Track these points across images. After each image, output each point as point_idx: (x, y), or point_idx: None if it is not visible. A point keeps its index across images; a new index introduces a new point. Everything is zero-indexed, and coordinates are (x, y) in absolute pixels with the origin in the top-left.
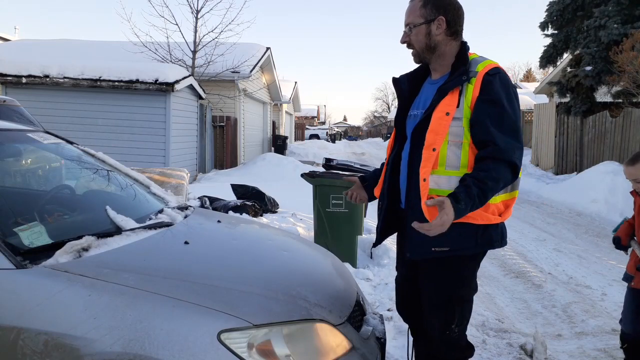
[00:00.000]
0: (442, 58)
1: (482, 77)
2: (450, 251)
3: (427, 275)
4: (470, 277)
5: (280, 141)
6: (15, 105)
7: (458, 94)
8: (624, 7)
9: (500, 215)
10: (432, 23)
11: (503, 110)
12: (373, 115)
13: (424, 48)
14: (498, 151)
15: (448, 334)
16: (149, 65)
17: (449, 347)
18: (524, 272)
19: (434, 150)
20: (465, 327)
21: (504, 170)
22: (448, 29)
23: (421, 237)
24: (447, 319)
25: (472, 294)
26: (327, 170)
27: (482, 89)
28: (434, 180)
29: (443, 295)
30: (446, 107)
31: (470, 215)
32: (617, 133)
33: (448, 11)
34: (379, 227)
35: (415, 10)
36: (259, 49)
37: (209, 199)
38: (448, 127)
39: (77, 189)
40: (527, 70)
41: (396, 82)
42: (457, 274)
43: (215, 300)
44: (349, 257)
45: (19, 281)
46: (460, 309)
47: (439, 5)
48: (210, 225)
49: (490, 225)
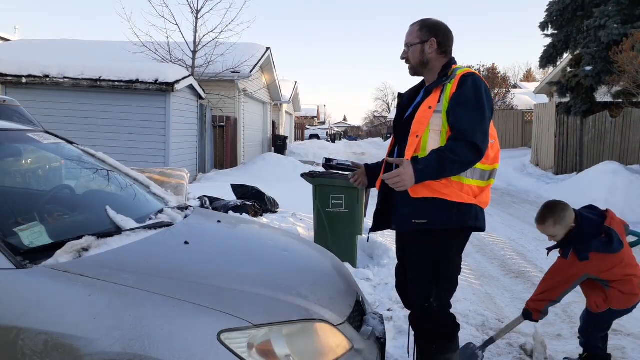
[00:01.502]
0: (433, 71)
1: (459, 78)
2: (428, 224)
3: (410, 248)
4: (447, 254)
5: (280, 141)
6: (15, 105)
7: (440, 92)
8: (624, 7)
9: (475, 197)
10: (426, 43)
11: (470, 101)
12: (373, 115)
13: (418, 63)
14: (461, 132)
15: (427, 307)
16: (149, 65)
17: (431, 320)
18: (524, 272)
19: (417, 137)
20: (445, 304)
21: (463, 148)
22: (439, 48)
23: (403, 210)
24: (424, 292)
25: (452, 273)
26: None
27: (458, 86)
28: None
29: (421, 268)
30: (429, 102)
31: (446, 192)
32: (617, 133)
33: (439, 34)
34: (375, 214)
35: (413, 33)
36: (259, 49)
37: (209, 199)
38: (429, 118)
39: (77, 189)
40: (527, 70)
41: (400, 95)
42: (435, 248)
43: (215, 300)
44: (349, 257)
45: (19, 281)
46: (436, 284)
47: (432, 29)
48: (210, 226)
49: (464, 204)
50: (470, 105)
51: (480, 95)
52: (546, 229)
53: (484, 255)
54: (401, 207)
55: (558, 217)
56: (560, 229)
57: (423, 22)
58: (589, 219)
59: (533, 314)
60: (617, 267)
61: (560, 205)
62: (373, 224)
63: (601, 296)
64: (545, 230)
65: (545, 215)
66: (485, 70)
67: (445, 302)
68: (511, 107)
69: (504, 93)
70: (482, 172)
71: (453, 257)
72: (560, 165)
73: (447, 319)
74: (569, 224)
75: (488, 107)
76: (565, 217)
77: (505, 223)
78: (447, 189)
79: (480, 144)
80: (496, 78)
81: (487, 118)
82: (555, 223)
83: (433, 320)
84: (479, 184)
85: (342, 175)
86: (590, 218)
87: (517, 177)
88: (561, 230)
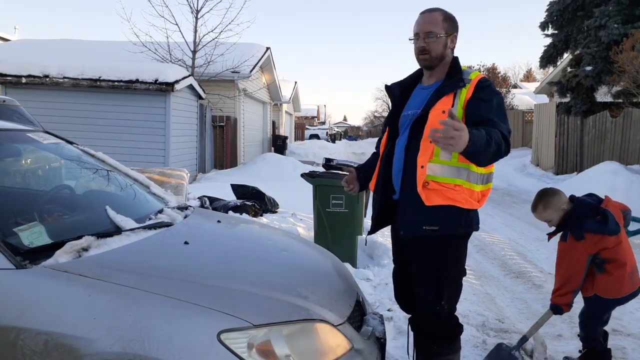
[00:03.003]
0: (444, 67)
1: (476, 83)
2: (439, 230)
3: (418, 253)
4: (457, 256)
5: (280, 141)
6: (15, 105)
7: (453, 96)
8: (624, 7)
9: (478, 202)
10: (450, 37)
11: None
12: (373, 115)
13: (438, 56)
14: (494, 124)
15: (438, 310)
16: (148, 65)
17: (440, 324)
18: (524, 272)
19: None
20: (453, 306)
21: (499, 136)
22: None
23: (413, 217)
24: (436, 295)
25: (460, 275)
26: (327, 170)
27: (477, 91)
28: (430, 168)
29: (433, 272)
30: (443, 106)
31: (458, 199)
32: (617, 133)
33: (457, 30)
34: (374, 217)
35: (437, 23)
36: (259, 49)
37: (209, 199)
38: None
39: (77, 189)
40: (527, 70)
41: (389, 88)
42: (445, 253)
43: (215, 300)
44: (349, 257)
45: (19, 281)
46: (448, 286)
47: (454, 23)
48: (210, 226)
49: (472, 210)
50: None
51: (500, 103)
52: (539, 214)
53: (484, 255)
54: (410, 214)
55: (547, 201)
56: (552, 213)
57: (445, 12)
58: (583, 201)
59: (563, 308)
60: (617, 246)
61: (549, 191)
62: (372, 228)
63: (590, 281)
64: (539, 216)
65: (535, 202)
66: (485, 70)
67: (454, 305)
68: (511, 107)
69: (504, 93)
70: (488, 175)
71: (461, 260)
72: (560, 165)
73: (452, 320)
74: (560, 206)
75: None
76: (554, 200)
77: (505, 223)
78: (460, 196)
79: (509, 141)
80: (496, 78)
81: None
82: (546, 207)
83: (440, 322)
84: (482, 189)
85: (342, 176)
86: (586, 201)
87: (518, 177)
88: (553, 214)
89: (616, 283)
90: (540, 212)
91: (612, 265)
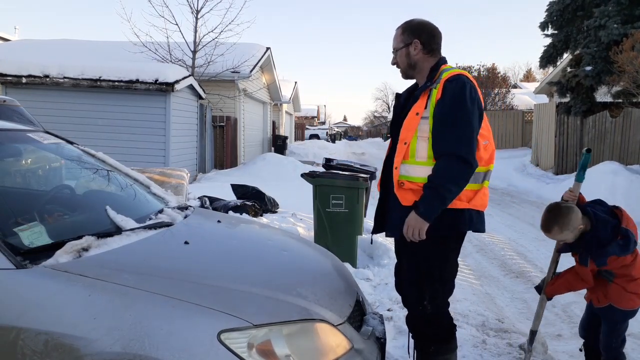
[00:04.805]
0: (422, 73)
1: (443, 83)
2: None
3: (403, 253)
4: (439, 257)
5: (280, 141)
6: (15, 105)
7: (426, 97)
8: (624, 7)
9: (468, 201)
10: (410, 46)
11: (451, 110)
12: (373, 115)
13: (406, 66)
14: (443, 150)
15: (421, 309)
16: (149, 65)
17: (425, 323)
18: (524, 272)
19: (405, 144)
20: (439, 306)
21: (454, 164)
22: (424, 48)
23: (395, 216)
24: (419, 295)
25: (445, 276)
26: (327, 170)
27: (442, 92)
28: (405, 169)
29: (414, 272)
30: (417, 109)
31: None
32: (617, 133)
33: (422, 34)
34: (375, 215)
35: (397, 37)
36: (259, 49)
37: (209, 199)
38: (417, 125)
39: (77, 189)
40: (527, 70)
41: (397, 96)
42: (426, 253)
43: (215, 300)
44: (349, 257)
45: (19, 281)
46: (430, 287)
47: (414, 31)
48: (210, 226)
49: (456, 209)
50: (452, 114)
51: (460, 102)
52: (554, 236)
53: (484, 255)
54: (392, 212)
55: (562, 223)
56: (569, 234)
57: (405, 24)
58: (604, 221)
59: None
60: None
61: (563, 209)
62: (374, 226)
63: (602, 290)
64: (553, 238)
65: (548, 223)
66: (485, 70)
67: (440, 304)
68: (511, 107)
69: (504, 93)
70: (475, 174)
71: (446, 260)
72: (560, 165)
73: (442, 320)
74: (576, 226)
75: (473, 111)
76: (571, 220)
77: (505, 223)
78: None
79: (465, 154)
80: (496, 78)
81: (470, 123)
82: (562, 229)
83: (428, 322)
84: (472, 188)
85: (342, 175)
86: (605, 220)
87: (517, 177)
88: (570, 234)
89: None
90: (556, 234)
91: (624, 280)
